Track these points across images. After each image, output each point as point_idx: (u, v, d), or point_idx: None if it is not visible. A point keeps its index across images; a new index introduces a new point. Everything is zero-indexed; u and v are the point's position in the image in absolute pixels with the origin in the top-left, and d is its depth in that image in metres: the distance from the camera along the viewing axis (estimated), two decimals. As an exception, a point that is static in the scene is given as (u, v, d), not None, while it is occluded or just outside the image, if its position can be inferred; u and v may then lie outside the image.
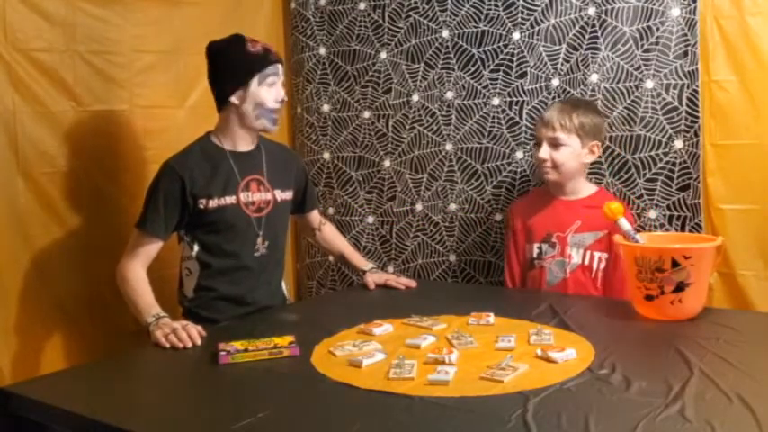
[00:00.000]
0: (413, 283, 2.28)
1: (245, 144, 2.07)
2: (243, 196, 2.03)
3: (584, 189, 2.24)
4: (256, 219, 2.05)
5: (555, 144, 2.15)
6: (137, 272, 1.92)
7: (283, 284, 2.24)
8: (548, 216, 2.24)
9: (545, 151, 2.16)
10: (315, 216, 2.41)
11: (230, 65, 2.01)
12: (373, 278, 2.29)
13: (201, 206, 1.97)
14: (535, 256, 2.24)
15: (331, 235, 2.44)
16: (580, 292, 2.16)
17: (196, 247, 2.01)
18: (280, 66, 2.04)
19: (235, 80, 2.00)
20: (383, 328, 1.77)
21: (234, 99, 2.00)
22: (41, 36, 2.13)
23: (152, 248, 1.95)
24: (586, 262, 2.17)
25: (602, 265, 2.16)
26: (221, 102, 2.03)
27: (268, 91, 2.00)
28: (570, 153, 2.15)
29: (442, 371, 1.42)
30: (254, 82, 1.99)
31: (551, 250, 2.21)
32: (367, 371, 1.48)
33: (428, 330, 1.75)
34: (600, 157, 2.26)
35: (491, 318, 1.83)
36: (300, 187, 2.26)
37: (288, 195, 2.17)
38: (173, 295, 2.08)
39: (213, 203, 1.98)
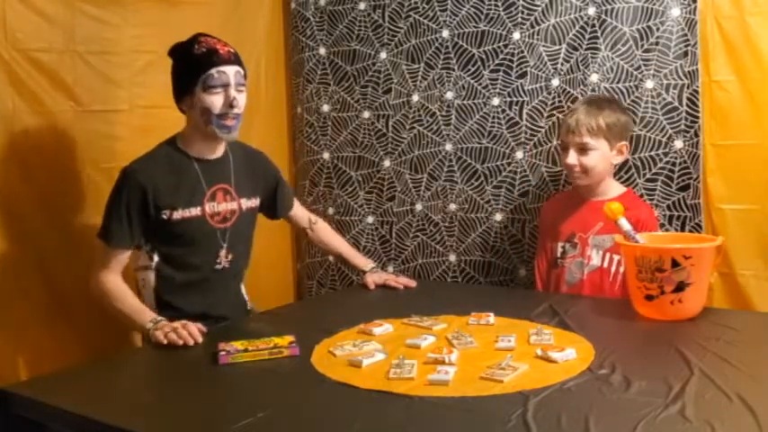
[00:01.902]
0: (412, 283, 2.28)
1: (210, 151, 1.97)
2: (208, 207, 1.94)
3: (611, 190, 2.19)
4: (221, 230, 1.98)
5: (583, 149, 2.10)
6: (115, 282, 1.86)
7: (243, 288, 2.14)
8: (574, 216, 2.21)
9: (573, 157, 2.11)
10: (300, 215, 2.34)
11: (178, 70, 1.94)
12: (373, 278, 2.28)
13: (165, 217, 1.88)
14: (558, 255, 2.22)
15: (326, 234, 2.40)
16: (596, 295, 2.12)
17: (156, 258, 1.93)
18: (229, 67, 1.87)
19: (181, 86, 1.92)
20: (383, 328, 1.77)
21: (183, 106, 1.94)
22: (41, 36, 2.13)
23: (122, 258, 1.89)
24: (605, 264, 2.13)
25: (622, 269, 2.10)
26: (179, 108, 1.97)
27: (213, 96, 1.85)
28: (599, 156, 2.11)
29: (441, 371, 1.42)
30: (198, 87, 1.86)
31: (573, 250, 2.19)
32: (367, 371, 1.48)
33: (428, 330, 1.75)
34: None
35: (491, 318, 1.83)
36: (270, 192, 2.17)
37: (254, 203, 2.09)
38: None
39: (177, 215, 1.89)
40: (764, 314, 2.08)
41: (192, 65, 1.88)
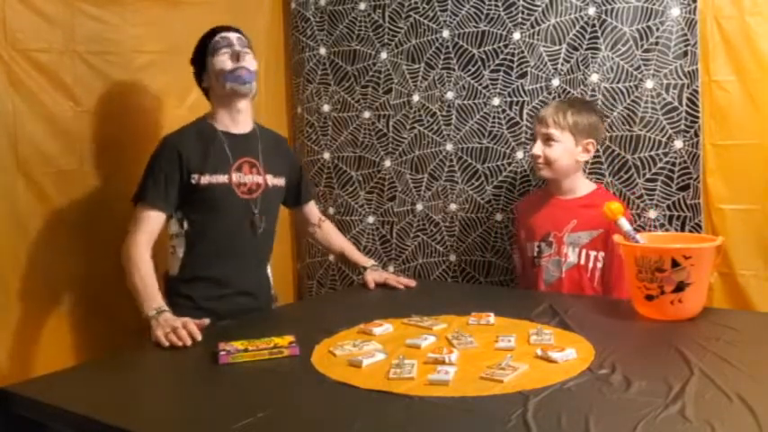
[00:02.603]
0: (412, 283, 2.28)
1: (236, 125, 2.09)
2: (235, 176, 2.04)
3: (581, 188, 2.24)
4: (249, 200, 2.07)
5: (548, 140, 2.17)
6: (142, 253, 1.92)
7: (269, 269, 2.23)
8: (547, 215, 2.25)
9: (538, 147, 2.19)
10: (313, 211, 2.41)
11: (193, 56, 2.12)
12: (373, 276, 2.29)
13: (194, 181, 1.99)
14: (535, 254, 2.25)
15: (331, 232, 2.45)
16: (575, 292, 2.16)
17: (186, 225, 2.03)
18: (230, 33, 2.07)
19: (198, 66, 2.11)
20: (383, 328, 1.77)
21: (204, 84, 2.11)
22: (41, 36, 2.13)
23: (155, 222, 1.97)
24: (582, 261, 2.17)
25: (599, 264, 2.16)
26: (203, 91, 2.14)
27: (221, 57, 2.02)
28: (563, 150, 2.17)
29: (442, 371, 1.42)
30: (209, 57, 2.05)
31: (549, 249, 2.22)
32: (367, 371, 1.48)
33: (428, 330, 1.75)
34: (598, 154, 2.28)
35: (491, 318, 1.83)
36: (295, 178, 2.28)
37: (280, 182, 2.18)
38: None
39: (205, 180, 2.00)
40: (764, 314, 2.09)
41: (201, 43, 2.10)
